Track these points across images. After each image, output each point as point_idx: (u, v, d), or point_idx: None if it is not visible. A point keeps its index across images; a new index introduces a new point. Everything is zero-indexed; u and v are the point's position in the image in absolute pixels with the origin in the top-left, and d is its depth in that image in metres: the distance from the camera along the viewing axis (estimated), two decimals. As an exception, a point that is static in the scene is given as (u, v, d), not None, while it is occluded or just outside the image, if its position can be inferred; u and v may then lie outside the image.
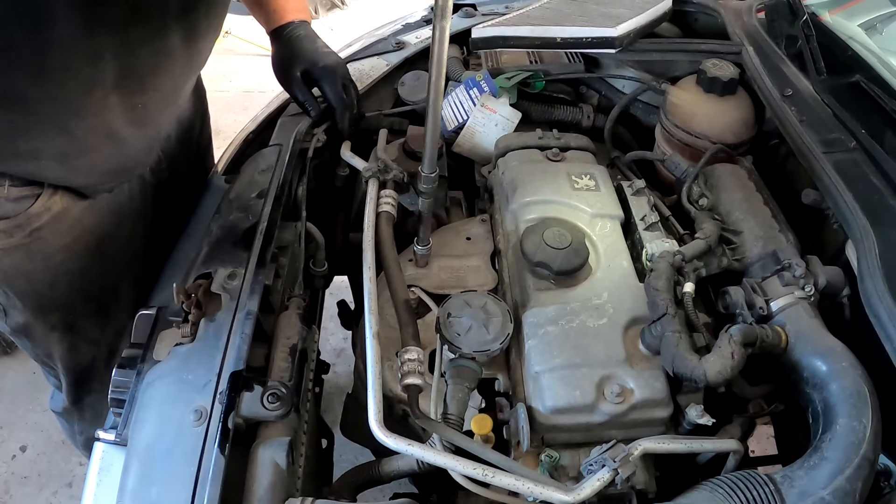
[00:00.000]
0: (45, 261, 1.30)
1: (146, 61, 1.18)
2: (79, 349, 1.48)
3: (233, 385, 1.03)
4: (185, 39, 1.23)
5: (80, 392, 1.58)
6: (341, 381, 2.65)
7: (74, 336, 1.45)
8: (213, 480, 0.94)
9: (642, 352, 1.17)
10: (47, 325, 1.40)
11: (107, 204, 1.36)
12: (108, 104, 1.18)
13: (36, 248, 1.27)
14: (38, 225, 1.24)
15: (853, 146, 1.38)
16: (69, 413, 1.65)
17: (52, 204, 1.25)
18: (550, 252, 1.27)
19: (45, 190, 1.23)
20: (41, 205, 1.23)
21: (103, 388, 1.53)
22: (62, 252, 1.31)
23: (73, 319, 1.43)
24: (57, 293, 1.36)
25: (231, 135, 1.73)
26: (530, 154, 1.54)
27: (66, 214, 1.28)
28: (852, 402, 1.01)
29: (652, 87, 1.73)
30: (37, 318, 1.39)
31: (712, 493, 0.97)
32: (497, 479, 0.99)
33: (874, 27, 1.74)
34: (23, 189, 1.21)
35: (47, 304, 1.37)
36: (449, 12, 1.04)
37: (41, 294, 1.35)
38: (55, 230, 1.28)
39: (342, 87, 1.56)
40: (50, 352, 1.47)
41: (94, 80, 1.12)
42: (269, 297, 1.24)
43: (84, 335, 1.47)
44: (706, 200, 1.45)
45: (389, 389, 1.20)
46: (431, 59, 1.09)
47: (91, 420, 1.65)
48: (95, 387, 1.56)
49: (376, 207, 1.38)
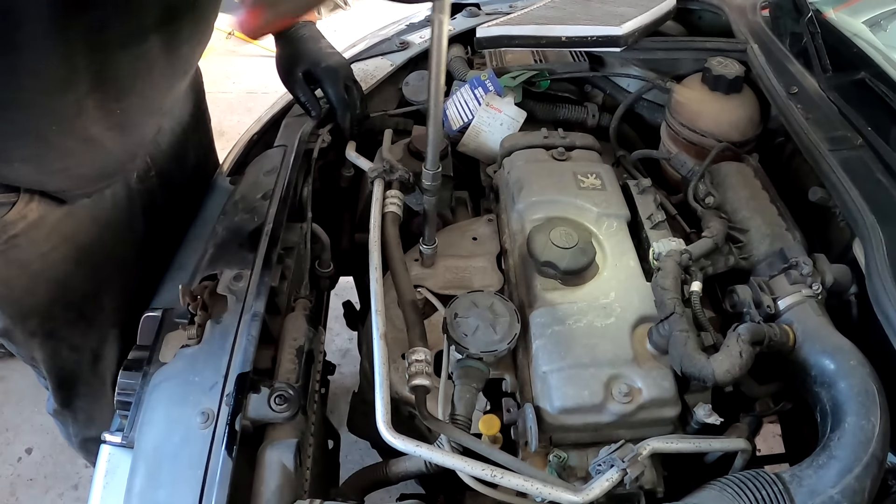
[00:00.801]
0: (21, 268, 1.27)
1: (124, 66, 1.13)
2: (61, 354, 1.46)
3: (239, 387, 1.03)
4: (167, 44, 1.18)
5: (66, 395, 1.56)
6: (347, 381, 2.65)
7: (55, 342, 1.43)
8: (221, 483, 0.94)
9: (650, 351, 1.17)
10: (27, 331, 1.38)
11: (88, 212, 1.33)
12: (84, 108, 1.13)
13: (12, 256, 1.24)
14: (13, 233, 1.21)
15: (859, 143, 1.38)
16: (62, 415, 1.64)
17: (28, 211, 1.22)
18: (557, 251, 1.26)
19: (21, 196, 1.20)
20: (17, 212, 1.20)
21: (91, 391, 1.53)
22: (40, 260, 1.28)
23: (53, 326, 1.40)
24: (35, 300, 1.33)
25: (235, 136, 1.73)
26: (536, 153, 1.54)
27: (43, 222, 1.25)
28: (860, 401, 1.00)
29: (657, 86, 1.73)
30: (15, 324, 1.36)
31: (721, 493, 0.97)
32: (505, 479, 0.99)
33: (878, 24, 1.74)
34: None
35: (26, 310, 1.35)
36: (447, 6, 1.03)
37: (20, 301, 1.32)
38: (32, 238, 1.25)
39: (344, 88, 1.55)
40: (33, 356, 1.46)
41: (68, 82, 1.08)
42: (276, 299, 1.24)
43: (65, 342, 1.44)
44: (712, 199, 1.44)
45: (396, 391, 1.20)
46: (431, 55, 1.09)
47: (84, 422, 1.64)
48: (83, 390, 1.54)
49: (382, 208, 1.38)
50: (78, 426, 1.67)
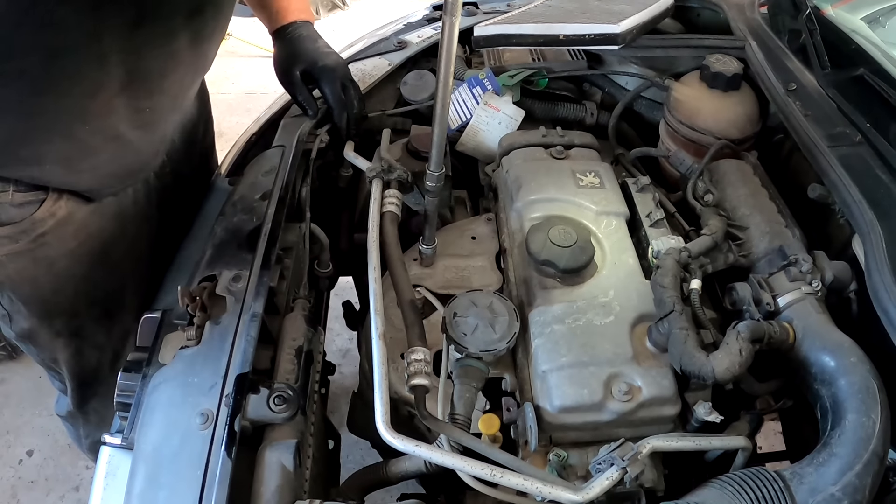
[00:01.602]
0: (49, 266, 1.29)
1: (154, 64, 1.17)
2: (84, 354, 1.47)
3: (239, 388, 1.03)
4: (193, 42, 1.22)
5: (85, 396, 1.57)
6: (347, 381, 2.65)
7: (80, 341, 1.45)
8: (220, 484, 0.93)
9: (649, 349, 1.17)
10: (52, 330, 1.40)
11: (112, 208, 1.35)
12: (115, 108, 1.17)
13: (41, 254, 1.26)
14: (42, 230, 1.23)
15: (858, 140, 1.38)
16: (74, 417, 1.65)
17: (56, 209, 1.24)
18: (556, 250, 1.26)
19: (49, 195, 1.22)
20: (46, 210, 1.22)
21: (108, 392, 1.52)
22: (67, 257, 1.30)
23: (79, 324, 1.42)
24: (61, 298, 1.35)
25: (234, 137, 1.73)
26: (534, 152, 1.54)
27: (70, 219, 1.27)
28: (861, 398, 1.00)
29: (655, 84, 1.73)
30: (42, 324, 1.38)
31: (721, 491, 0.96)
32: (505, 479, 0.99)
33: (877, 20, 1.73)
34: (27, 194, 1.20)
35: (52, 309, 1.36)
36: (458, 8, 1.04)
37: (46, 300, 1.34)
38: (60, 235, 1.27)
39: (341, 87, 1.55)
40: (55, 357, 1.47)
41: (101, 84, 1.11)
42: (274, 299, 1.24)
43: (89, 340, 1.46)
44: (711, 196, 1.44)
45: (395, 391, 1.20)
46: (440, 56, 1.09)
47: (96, 424, 1.65)
48: (100, 391, 1.55)
49: (380, 207, 1.38)
50: (89, 427, 1.68)
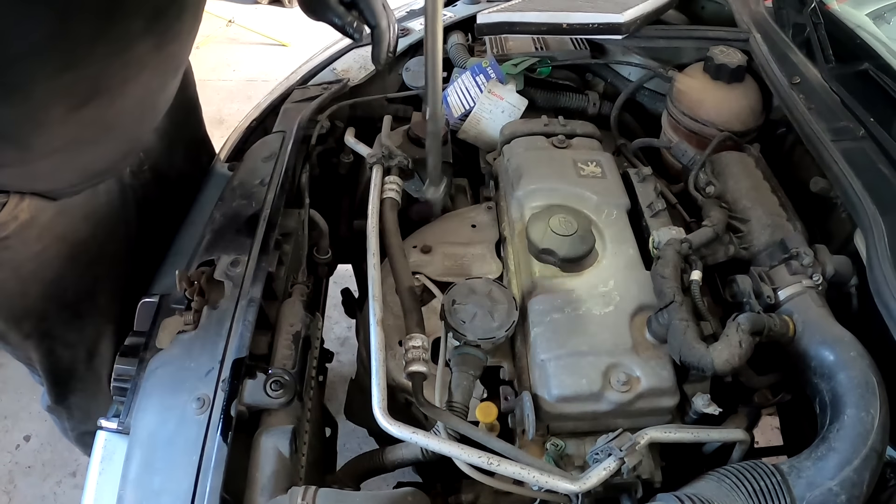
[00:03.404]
0: (14, 270, 1.25)
1: (116, 73, 1.09)
2: (56, 353, 1.44)
3: (235, 373, 1.03)
4: (158, 45, 1.13)
5: (61, 393, 1.55)
6: (345, 369, 2.65)
7: (50, 341, 1.41)
8: (216, 469, 0.93)
9: (649, 340, 1.16)
10: (21, 333, 1.36)
11: (80, 209, 1.30)
12: (75, 118, 1.10)
13: (5, 258, 1.21)
14: (5, 234, 1.18)
15: (862, 135, 1.37)
16: (56, 411, 1.63)
17: (18, 212, 1.18)
18: (556, 239, 1.26)
19: (10, 197, 1.16)
20: (7, 213, 1.16)
21: (86, 388, 1.52)
22: (32, 261, 1.26)
23: (48, 326, 1.38)
24: (29, 302, 1.31)
25: (234, 123, 1.73)
26: (536, 141, 1.53)
27: (34, 222, 1.21)
28: (860, 393, 1.00)
29: (658, 74, 1.72)
30: (10, 326, 1.34)
31: (719, 484, 0.96)
32: (502, 467, 0.98)
33: (882, 16, 1.73)
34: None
35: (20, 313, 1.33)
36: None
37: (13, 304, 1.30)
38: (24, 239, 1.21)
39: (382, 6, 1.34)
40: (28, 356, 1.44)
41: (60, 95, 1.04)
42: (273, 285, 1.24)
43: (60, 340, 1.43)
44: (713, 188, 1.43)
45: (393, 378, 1.19)
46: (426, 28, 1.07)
47: (80, 418, 1.63)
48: (77, 387, 1.53)
49: (380, 194, 1.37)
50: (73, 421, 1.66)
